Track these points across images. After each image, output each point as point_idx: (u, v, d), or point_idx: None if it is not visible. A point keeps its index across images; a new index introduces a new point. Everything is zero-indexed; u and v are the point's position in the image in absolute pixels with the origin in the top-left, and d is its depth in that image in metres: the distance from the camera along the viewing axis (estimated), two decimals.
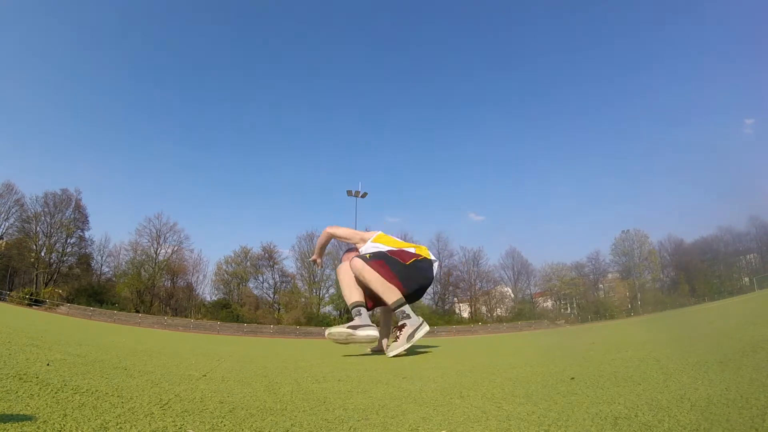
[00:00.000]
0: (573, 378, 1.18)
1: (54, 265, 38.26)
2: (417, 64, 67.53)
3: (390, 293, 2.56)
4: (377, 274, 2.58)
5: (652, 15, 60.10)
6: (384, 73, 66.64)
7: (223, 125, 63.59)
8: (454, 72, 66.47)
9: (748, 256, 44.60)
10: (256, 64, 64.67)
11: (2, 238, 36.95)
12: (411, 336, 2.53)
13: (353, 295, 2.70)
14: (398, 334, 2.55)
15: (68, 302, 33.38)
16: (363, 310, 2.66)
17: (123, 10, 57.72)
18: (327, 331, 2.70)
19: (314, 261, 3.28)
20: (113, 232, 68.98)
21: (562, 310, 45.75)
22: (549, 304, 47.06)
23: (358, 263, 2.64)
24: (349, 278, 2.73)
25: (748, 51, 55.86)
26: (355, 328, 2.59)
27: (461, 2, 65.38)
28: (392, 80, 66.88)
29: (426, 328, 2.59)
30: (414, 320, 2.55)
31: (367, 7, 66.38)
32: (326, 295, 43.26)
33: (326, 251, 3.35)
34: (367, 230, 3.08)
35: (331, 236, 3.06)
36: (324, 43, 67.13)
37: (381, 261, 2.64)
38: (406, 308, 2.57)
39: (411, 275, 2.65)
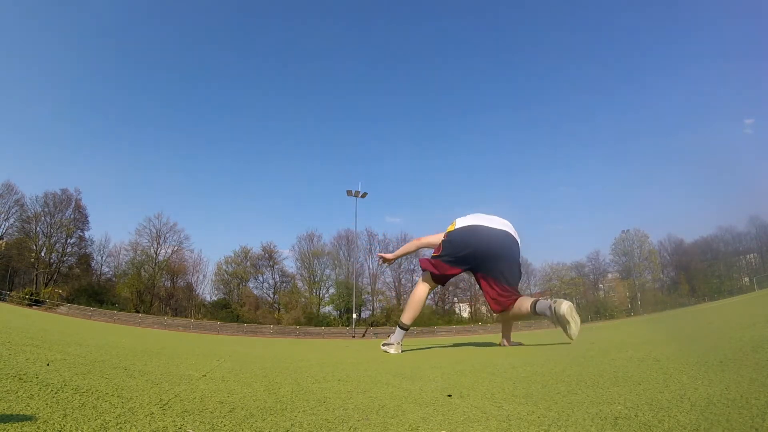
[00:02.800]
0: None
1: (54, 265, 38.26)
2: (418, 64, 67.56)
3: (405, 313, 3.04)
4: (412, 296, 3.08)
5: (652, 15, 60.13)
6: (385, 73, 66.66)
7: (223, 125, 63.61)
8: (455, 72, 66.51)
9: (748, 256, 44.59)
10: (256, 64, 64.66)
11: (2, 238, 36.94)
12: (387, 344, 2.99)
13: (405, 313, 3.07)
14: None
15: (68, 302, 33.37)
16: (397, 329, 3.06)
17: (123, 11, 57.73)
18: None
19: (384, 259, 3.39)
20: (113, 232, 69.04)
21: None
22: None
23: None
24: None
25: (748, 51, 55.88)
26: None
27: (463, 5, 65.38)
28: (393, 79, 66.89)
29: (392, 351, 2.92)
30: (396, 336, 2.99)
31: (369, 8, 66.39)
32: (326, 295, 43.29)
33: (325, 251, 3.51)
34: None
35: (419, 247, 3.25)
36: (325, 44, 67.14)
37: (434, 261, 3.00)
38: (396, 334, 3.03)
39: (442, 261, 2.95)
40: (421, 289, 3.04)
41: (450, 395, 1.08)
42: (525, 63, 65.29)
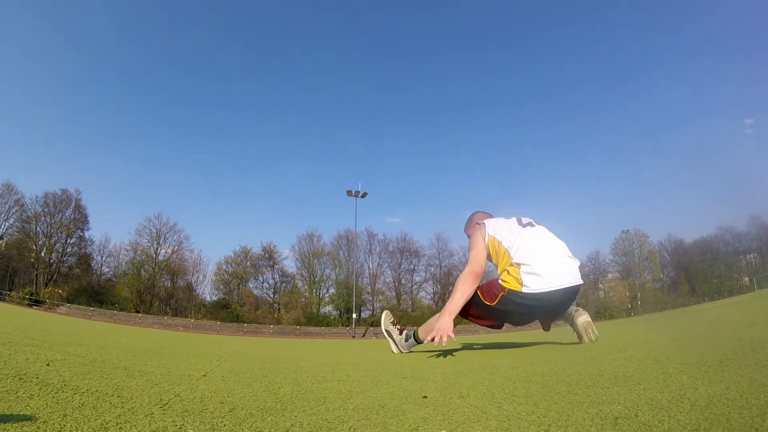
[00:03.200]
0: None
1: (54, 265, 38.29)
2: (417, 64, 67.53)
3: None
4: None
5: (652, 15, 60.11)
6: (384, 73, 66.65)
7: (223, 125, 63.62)
8: (455, 72, 66.48)
9: (748, 256, 44.63)
10: (256, 64, 64.66)
11: (2, 238, 36.97)
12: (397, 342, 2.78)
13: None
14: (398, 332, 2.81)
15: (68, 302, 33.40)
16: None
17: (122, 11, 57.73)
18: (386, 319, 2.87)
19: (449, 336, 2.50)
20: (113, 232, 69.04)
21: None
22: None
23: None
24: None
25: (748, 51, 55.90)
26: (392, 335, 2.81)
27: (463, 5, 65.39)
28: (392, 80, 66.89)
29: (394, 350, 2.76)
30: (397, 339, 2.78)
31: (369, 8, 66.40)
32: (326, 295, 43.30)
33: (325, 251, 3.29)
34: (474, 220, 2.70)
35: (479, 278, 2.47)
36: (325, 44, 67.14)
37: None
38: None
39: (491, 315, 2.42)
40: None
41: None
42: (524, 60, 65.34)
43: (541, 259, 2.31)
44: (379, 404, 0.99)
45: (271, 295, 44.19)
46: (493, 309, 2.36)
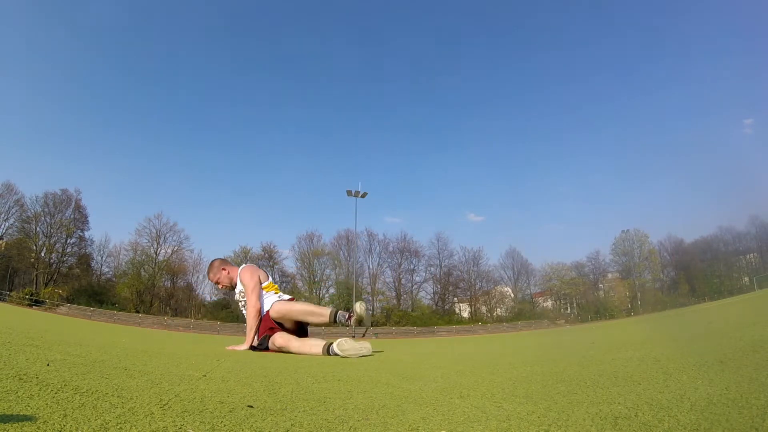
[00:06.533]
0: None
1: (54, 265, 38.26)
2: (417, 63, 67.54)
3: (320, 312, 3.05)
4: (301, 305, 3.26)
5: (653, 14, 60.14)
6: (384, 73, 66.68)
7: (222, 124, 63.66)
8: (454, 71, 66.52)
9: (748, 256, 44.64)
10: (255, 62, 64.68)
11: (2, 238, 36.96)
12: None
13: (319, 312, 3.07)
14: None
15: (68, 302, 33.39)
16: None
17: (122, 10, 57.77)
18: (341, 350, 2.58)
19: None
20: (113, 232, 69.04)
21: (562, 310, 45.76)
22: (549, 304, 47.07)
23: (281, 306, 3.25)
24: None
25: (748, 50, 55.92)
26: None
27: (463, 5, 65.44)
28: (392, 80, 66.93)
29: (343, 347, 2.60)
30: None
31: (369, 4, 66.43)
32: (326, 295, 43.28)
33: (325, 251, 3.60)
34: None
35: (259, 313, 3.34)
36: (324, 41, 67.17)
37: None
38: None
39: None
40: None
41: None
42: (524, 61, 65.34)
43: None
44: (379, 404, 0.99)
45: None
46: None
